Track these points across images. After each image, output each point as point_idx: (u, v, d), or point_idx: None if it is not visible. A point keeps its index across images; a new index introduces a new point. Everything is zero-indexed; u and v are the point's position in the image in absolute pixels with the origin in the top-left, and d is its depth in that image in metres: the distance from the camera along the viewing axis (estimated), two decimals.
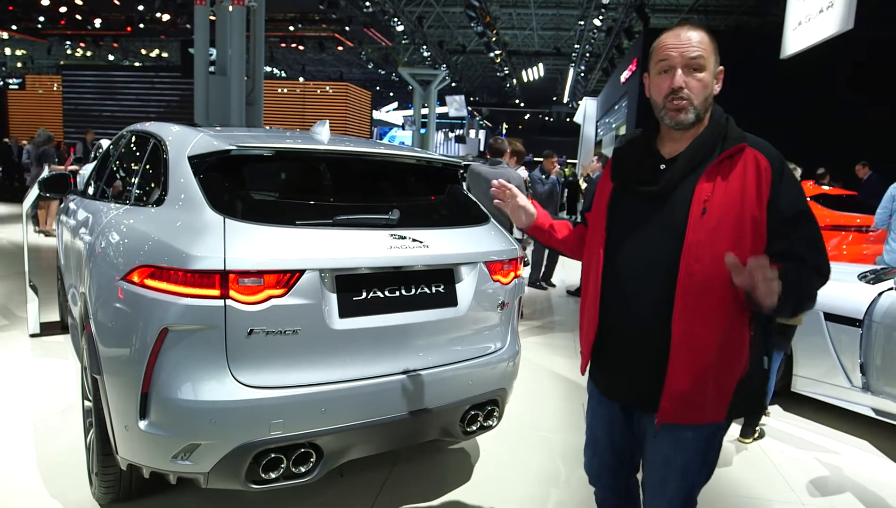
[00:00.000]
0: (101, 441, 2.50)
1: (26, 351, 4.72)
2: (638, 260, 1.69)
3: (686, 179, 1.64)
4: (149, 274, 2.20)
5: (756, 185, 1.58)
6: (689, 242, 1.58)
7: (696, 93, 1.63)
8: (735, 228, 1.57)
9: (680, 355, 1.61)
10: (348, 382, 2.34)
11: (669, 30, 1.68)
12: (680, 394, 1.63)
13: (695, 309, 1.59)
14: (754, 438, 3.80)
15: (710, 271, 1.57)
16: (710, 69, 1.64)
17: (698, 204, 1.59)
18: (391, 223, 2.52)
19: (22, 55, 33.98)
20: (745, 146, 1.63)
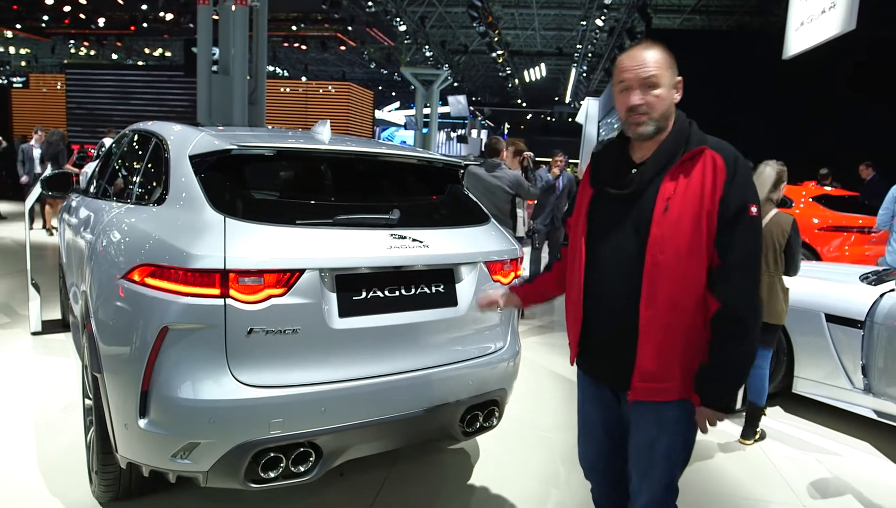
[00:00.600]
0: (101, 439, 2.50)
1: (28, 349, 4.73)
2: (612, 256, 1.87)
3: (653, 182, 1.80)
4: (149, 273, 2.20)
5: (712, 183, 1.73)
6: (654, 236, 1.75)
7: (653, 108, 1.79)
8: (694, 222, 1.73)
9: (648, 338, 1.78)
10: (348, 382, 2.34)
11: (627, 51, 1.85)
12: (649, 373, 1.79)
13: (659, 295, 1.75)
14: (755, 440, 3.79)
15: (672, 261, 1.74)
16: (665, 84, 1.79)
17: (662, 202, 1.76)
18: (391, 223, 2.52)
19: (26, 54, 34.05)
20: (704, 148, 1.78)
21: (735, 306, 1.73)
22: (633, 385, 1.82)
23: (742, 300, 1.73)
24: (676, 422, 1.84)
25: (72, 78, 29.76)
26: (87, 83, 29.56)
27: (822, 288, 4.15)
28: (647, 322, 1.77)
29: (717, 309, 1.74)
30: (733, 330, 1.74)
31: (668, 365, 1.78)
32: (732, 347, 1.75)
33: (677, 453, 1.88)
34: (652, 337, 1.77)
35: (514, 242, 2.96)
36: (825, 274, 4.53)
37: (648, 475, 1.88)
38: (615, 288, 1.85)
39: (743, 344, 1.75)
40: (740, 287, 1.73)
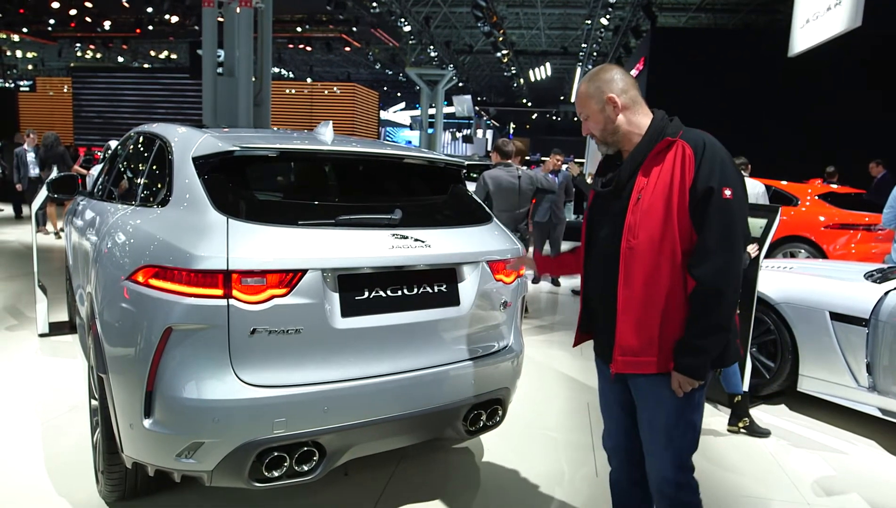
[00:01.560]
0: (106, 439, 2.52)
1: (35, 351, 4.77)
2: (600, 245, 2.11)
3: (632, 177, 2.01)
4: (153, 274, 2.22)
5: (682, 170, 1.90)
6: (628, 223, 1.96)
7: (594, 130, 2.09)
8: (664, 208, 1.90)
9: (626, 315, 1.98)
10: (351, 381, 2.36)
11: None
12: (629, 348, 1.99)
13: (635, 276, 1.95)
14: (740, 428, 3.83)
15: (644, 245, 1.93)
16: (594, 110, 2.06)
17: (635, 193, 1.97)
18: (393, 223, 2.54)
19: (33, 57, 34.24)
20: (671, 140, 1.95)
21: (709, 282, 1.87)
22: (615, 358, 2.02)
23: (716, 277, 1.87)
24: (672, 398, 1.99)
25: (78, 81, 29.94)
26: (94, 86, 29.73)
27: (827, 286, 4.14)
28: (625, 300, 1.97)
29: (694, 287, 1.90)
30: (705, 304, 1.89)
31: (649, 340, 1.96)
32: (703, 320, 1.90)
33: (679, 430, 2.01)
34: (630, 315, 1.96)
35: (516, 241, 2.97)
36: (830, 271, 4.52)
37: (655, 451, 2.05)
38: (601, 273, 2.07)
39: (715, 316, 1.89)
40: (714, 265, 1.87)
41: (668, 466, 2.02)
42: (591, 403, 4.15)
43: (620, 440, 2.24)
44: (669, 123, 2.02)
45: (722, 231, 1.86)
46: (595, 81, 2.06)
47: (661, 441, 2.02)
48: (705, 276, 1.86)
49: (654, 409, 2.02)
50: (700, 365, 1.92)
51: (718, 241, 1.86)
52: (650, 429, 2.05)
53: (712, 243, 1.86)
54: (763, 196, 6.70)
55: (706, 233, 1.87)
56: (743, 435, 3.82)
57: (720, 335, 1.93)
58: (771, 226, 3.91)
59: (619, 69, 2.10)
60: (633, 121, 2.04)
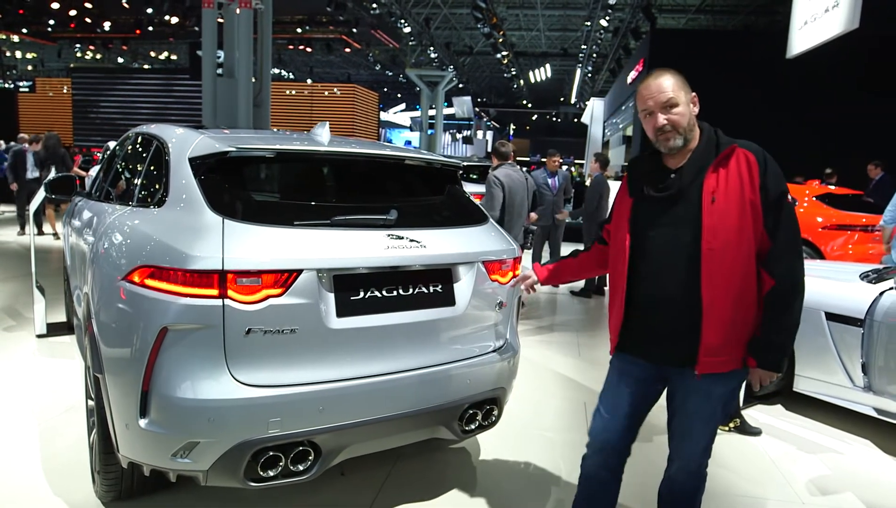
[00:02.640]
0: (102, 439, 2.53)
1: (33, 352, 4.77)
2: (665, 248, 2.09)
3: (694, 181, 2.04)
4: (149, 274, 2.23)
5: (749, 175, 1.99)
6: (706, 225, 1.99)
7: (677, 124, 2.05)
8: (739, 210, 1.98)
9: (711, 316, 2.00)
10: (346, 381, 2.37)
11: (643, 81, 2.12)
12: (713, 348, 2.03)
13: (716, 277, 1.99)
14: (730, 428, 3.84)
15: (724, 246, 1.98)
16: (683, 101, 2.06)
17: (708, 195, 2.00)
18: (389, 223, 2.55)
19: (32, 58, 34.26)
20: (735, 147, 2.05)
21: (787, 281, 1.99)
22: (700, 359, 2.04)
23: (793, 275, 2.00)
24: (724, 391, 2.11)
25: (78, 82, 29.97)
26: (94, 87, 29.76)
27: (823, 287, 4.14)
28: (710, 301, 1.99)
29: (771, 286, 2.00)
30: (785, 302, 2.00)
31: (728, 339, 2.03)
32: (785, 317, 2.01)
33: (718, 419, 2.16)
34: (714, 315, 2.00)
35: (512, 242, 2.98)
36: (826, 272, 4.53)
37: (691, 438, 2.18)
38: (673, 275, 2.06)
39: (793, 313, 2.02)
40: (790, 264, 2.00)
41: (701, 451, 2.18)
42: (587, 403, 4.15)
43: (618, 437, 2.28)
44: (717, 131, 2.11)
45: (794, 233, 2.01)
46: (678, 76, 2.09)
47: (702, 430, 2.15)
48: (784, 275, 1.99)
49: (703, 402, 2.12)
50: (781, 359, 2.04)
51: (791, 242, 2.00)
52: (693, 419, 2.15)
53: (788, 244, 1.99)
54: None
55: (781, 236, 1.98)
56: (737, 435, 3.83)
57: (795, 330, 2.05)
58: None
59: None
60: (696, 128, 2.11)
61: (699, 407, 2.13)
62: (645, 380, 2.22)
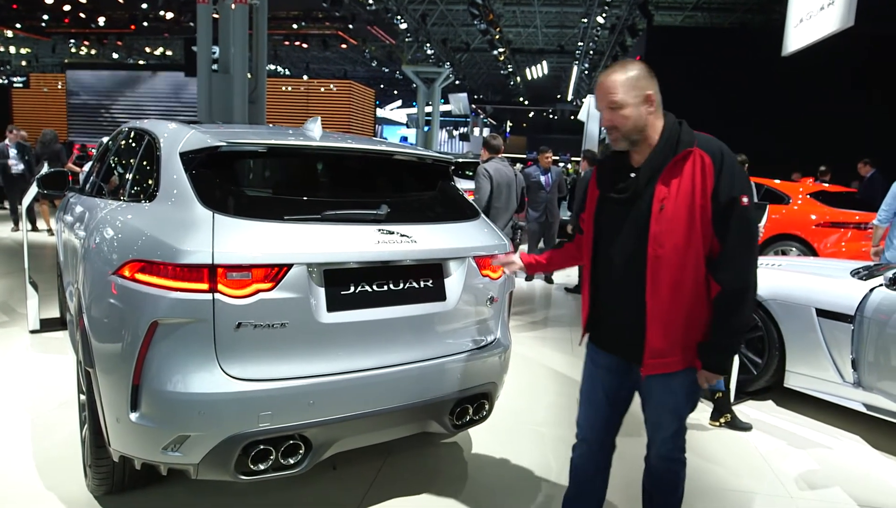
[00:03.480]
0: (94, 433, 2.54)
1: (26, 347, 4.77)
2: (617, 251, 2.12)
3: (649, 184, 2.03)
4: (139, 269, 2.23)
5: (702, 180, 1.96)
6: (653, 233, 1.99)
7: (620, 126, 2.04)
8: (688, 216, 1.96)
9: (655, 322, 2.03)
10: (336, 375, 2.38)
11: (598, 76, 2.12)
12: (658, 351, 2.05)
13: (662, 284, 2.00)
14: (721, 423, 3.88)
15: (670, 254, 1.98)
16: (631, 103, 2.02)
17: (657, 203, 1.99)
18: (379, 218, 2.55)
19: (26, 53, 34.11)
20: (691, 150, 1.99)
21: (735, 287, 1.99)
22: (645, 362, 2.08)
23: (740, 281, 1.99)
24: (682, 386, 2.13)
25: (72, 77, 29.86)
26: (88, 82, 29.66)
27: (813, 283, 4.17)
28: (654, 308, 2.02)
29: (718, 292, 2.00)
30: (731, 306, 2.01)
31: (674, 342, 2.04)
32: (730, 321, 2.02)
33: (684, 408, 2.19)
34: (658, 321, 2.02)
35: (503, 237, 2.99)
36: (817, 268, 4.55)
37: (662, 427, 2.20)
38: (623, 280, 2.10)
39: (739, 318, 2.02)
40: (738, 270, 1.99)
41: (674, 436, 2.20)
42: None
43: (599, 429, 2.32)
44: (681, 128, 2.05)
45: (743, 237, 1.98)
46: (636, 74, 2.03)
47: (668, 421, 2.18)
48: (731, 281, 1.98)
49: (668, 397, 2.15)
50: (725, 361, 2.08)
51: (740, 247, 1.98)
52: (660, 410, 2.18)
53: (735, 249, 1.98)
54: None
55: (730, 241, 1.97)
56: (727, 430, 3.86)
57: (742, 334, 2.09)
58: (759, 222, 3.95)
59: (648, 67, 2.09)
60: (655, 125, 2.06)
61: (664, 399, 2.16)
62: (615, 371, 2.24)
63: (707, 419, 3.96)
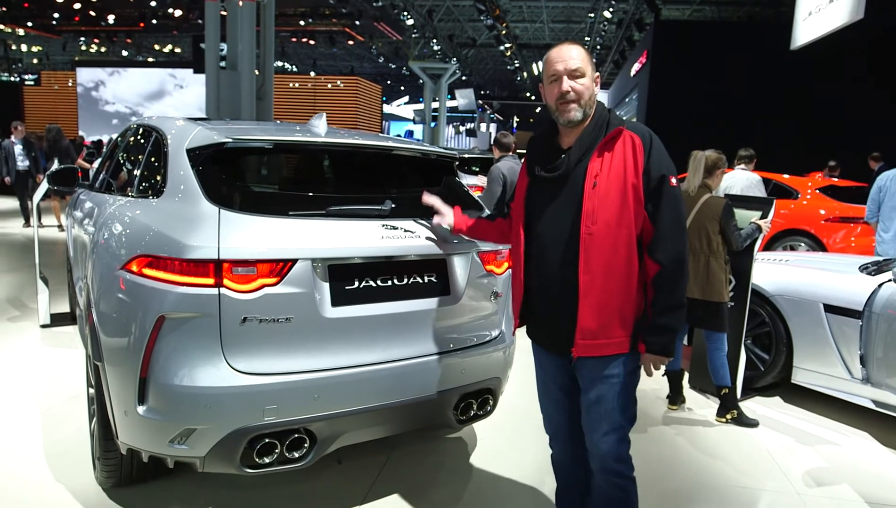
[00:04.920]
0: (102, 426, 2.57)
1: (36, 341, 4.82)
2: (550, 231, 2.09)
3: (580, 162, 2.04)
4: (147, 264, 2.25)
5: (633, 159, 1.98)
6: (586, 210, 1.99)
7: (580, 95, 2.03)
8: (620, 195, 1.97)
9: (587, 300, 2.00)
10: (341, 370, 2.39)
11: (553, 48, 2.10)
12: (590, 331, 2.02)
13: (594, 261, 1.98)
14: (728, 419, 3.87)
15: (603, 230, 1.97)
16: (588, 75, 2.04)
17: (590, 179, 1.99)
18: (384, 213, 2.56)
19: (38, 51, 34.33)
20: (621, 129, 2.02)
21: (670, 266, 1.99)
22: (576, 342, 2.04)
23: (675, 260, 1.99)
24: (618, 375, 2.06)
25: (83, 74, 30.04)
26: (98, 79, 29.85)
27: (821, 279, 4.15)
28: (586, 285, 1.99)
29: (655, 271, 2.00)
30: (669, 285, 2.00)
31: (608, 323, 2.01)
32: (669, 300, 2.01)
33: (623, 405, 2.09)
34: (591, 299, 1.99)
35: None
36: (825, 264, 4.53)
37: (599, 427, 2.09)
38: (554, 258, 2.07)
39: (676, 295, 2.01)
40: (672, 249, 1.99)
41: (612, 441, 2.08)
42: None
43: (563, 422, 2.29)
44: (611, 113, 2.09)
45: (674, 217, 2.00)
46: (590, 55, 2.09)
47: (608, 418, 2.07)
48: (667, 259, 1.98)
49: (603, 387, 2.07)
50: (669, 342, 2.03)
51: (672, 226, 1.99)
52: (597, 407, 2.08)
53: (668, 228, 1.99)
54: (758, 185, 6.71)
55: (662, 219, 1.98)
56: (734, 426, 3.85)
57: (682, 311, 2.03)
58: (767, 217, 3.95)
59: None
60: (594, 105, 2.09)
61: (600, 389, 2.07)
62: (559, 366, 2.20)
63: (713, 415, 3.96)
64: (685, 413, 4.05)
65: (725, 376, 3.89)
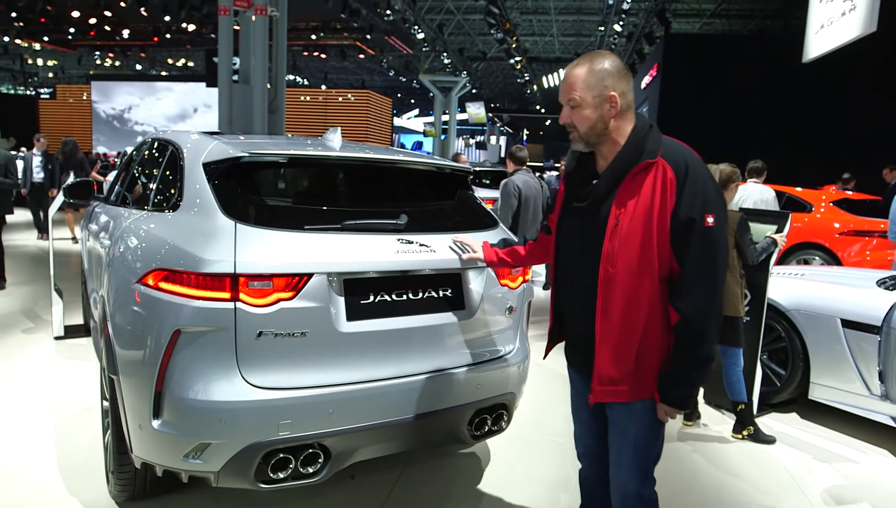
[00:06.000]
0: (117, 440, 2.56)
1: (50, 353, 4.84)
2: (572, 268, 2.01)
3: (608, 195, 1.87)
4: (163, 278, 2.26)
5: (661, 196, 1.78)
6: (605, 251, 1.84)
7: (579, 125, 1.89)
8: (643, 236, 1.80)
9: (604, 346, 1.89)
10: (356, 384, 2.38)
11: None
12: (607, 378, 1.91)
13: (613, 307, 1.85)
14: (744, 435, 3.82)
15: (623, 274, 1.82)
16: (590, 103, 1.86)
17: (613, 218, 1.84)
18: (399, 228, 2.56)
19: (53, 65, 34.79)
20: (653, 161, 1.81)
21: (692, 315, 1.80)
22: (593, 388, 1.94)
23: (699, 309, 1.79)
24: (644, 414, 1.94)
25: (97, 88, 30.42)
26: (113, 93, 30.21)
27: (839, 293, 4.10)
28: (603, 331, 1.87)
29: (676, 320, 1.82)
30: (690, 337, 1.82)
31: (628, 370, 1.88)
32: (691, 353, 1.84)
33: (649, 443, 1.98)
34: (608, 346, 1.88)
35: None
36: (842, 278, 4.48)
37: (621, 464, 1.99)
38: (577, 296, 1.99)
39: (700, 350, 1.83)
40: (697, 297, 1.79)
41: (634, 479, 1.98)
42: None
43: (591, 443, 2.23)
44: (649, 134, 1.86)
45: (704, 261, 1.79)
46: (602, 70, 1.84)
47: (629, 455, 1.97)
48: (689, 310, 1.79)
49: (625, 424, 1.97)
50: (685, 396, 1.90)
51: (700, 272, 1.79)
52: (619, 442, 1.99)
53: (694, 274, 1.79)
54: (773, 201, 6.67)
55: (688, 264, 1.79)
56: (750, 443, 3.80)
57: (706, 366, 1.87)
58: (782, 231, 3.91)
59: (621, 62, 1.89)
60: (621, 129, 1.89)
61: (623, 427, 1.97)
62: (587, 390, 2.07)
63: (729, 431, 3.91)
64: (701, 429, 4.00)
65: (741, 392, 3.84)
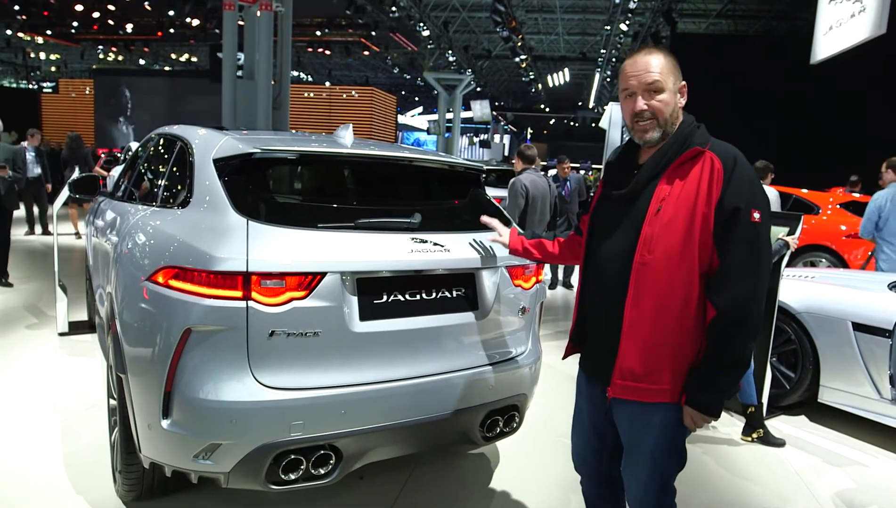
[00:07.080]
0: (124, 439, 2.54)
1: (54, 350, 4.82)
2: (605, 254, 1.91)
3: (650, 183, 1.82)
4: (173, 275, 2.23)
5: (708, 186, 1.72)
6: (644, 235, 1.77)
7: (658, 113, 1.81)
8: (686, 224, 1.72)
9: (631, 336, 1.79)
10: (368, 385, 2.35)
11: (630, 56, 1.86)
12: (630, 373, 1.80)
13: (646, 295, 1.76)
14: (753, 438, 3.79)
15: (661, 262, 1.74)
16: (669, 88, 1.81)
17: (655, 203, 1.77)
18: (412, 227, 2.53)
19: (56, 59, 34.76)
20: (703, 150, 1.77)
21: (729, 312, 1.70)
22: (613, 381, 1.84)
23: (736, 306, 1.70)
24: (664, 425, 1.82)
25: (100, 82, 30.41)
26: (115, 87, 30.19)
27: (849, 296, 4.07)
28: (632, 321, 1.78)
29: (712, 316, 1.72)
30: (724, 335, 1.72)
31: (655, 366, 1.78)
32: (721, 353, 1.73)
33: (667, 455, 1.86)
34: (636, 337, 1.78)
35: None
36: (853, 281, 4.45)
37: (639, 475, 1.88)
38: (607, 285, 1.88)
39: (732, 349, 1.73)
40: (735, 293, 1.70)
41: (651, 491, 1.87)
42: None
43: (590, 461, 2.14)
44: (697, 130, 1.83)
45: (747, 256, 1.70)
46: (671, 58, 1.82)
47: (646, 466, 1.86)
48: (727, 305, 1.70)
49: (642, 434, 1.85)
50: (714, 401, 1.77)
51: (742, 267, 1.70)
52: (635, 454, 1.88)
53: (735, 269, 1.70)
54: (776, 202, 6.65)
55: (729, 258, 1.70)
56: (760, 445, 3.77)
57: (740, 370, 1.78)
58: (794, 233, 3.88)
59: None
60: (678, 122, 1.85)
61: (639, 437, 1.86)
62: (597, 400, 1.99)
63: (738, 434, 3.88)
64: (710, 431, 3.97)
65: (751, 394, 3.81)
